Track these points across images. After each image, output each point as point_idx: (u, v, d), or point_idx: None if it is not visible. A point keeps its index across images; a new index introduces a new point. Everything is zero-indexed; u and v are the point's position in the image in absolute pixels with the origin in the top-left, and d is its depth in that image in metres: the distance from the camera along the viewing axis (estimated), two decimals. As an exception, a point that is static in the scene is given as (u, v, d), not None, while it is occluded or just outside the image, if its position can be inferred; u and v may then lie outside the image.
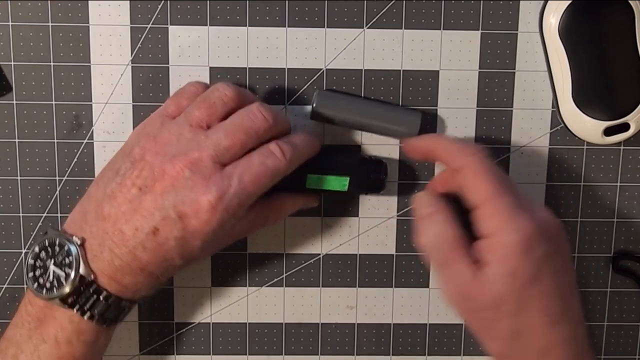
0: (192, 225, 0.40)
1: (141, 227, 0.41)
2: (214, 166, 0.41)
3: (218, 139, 0.41)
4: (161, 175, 0.41)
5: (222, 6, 0.48)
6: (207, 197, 0.40)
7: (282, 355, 0.52)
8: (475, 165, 0.42)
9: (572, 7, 0.46)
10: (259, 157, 0.42)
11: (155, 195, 0.41)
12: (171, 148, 0.41)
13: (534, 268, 0.40)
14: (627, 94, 0.47)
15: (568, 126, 0.48)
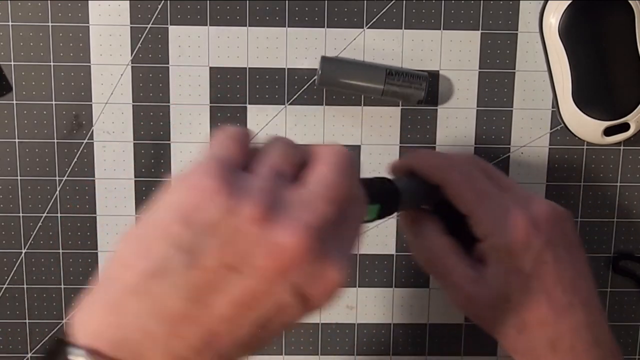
0: (311, 308, 0.30)
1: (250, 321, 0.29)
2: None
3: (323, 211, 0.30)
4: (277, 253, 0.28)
5: (222, 6, 0.48)
6: (332, 274, 0.31)
7: (282, 355, 0.52)
8: (456, 176, 0.41)
9: (572, 7, 0.46)
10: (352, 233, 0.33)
11: (267, 277, 0.28)
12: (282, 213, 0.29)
13: (531, 263, 0.40)
14: (627, 94, 0.47)
15: (568, 126, 0.48)
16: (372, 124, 0.50)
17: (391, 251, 0.51)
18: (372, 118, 0.49)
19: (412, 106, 0.49)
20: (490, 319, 0.42)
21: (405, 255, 0.51)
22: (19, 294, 0.50)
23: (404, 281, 0.52)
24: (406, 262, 0.51)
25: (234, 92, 0.49)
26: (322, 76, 0.47)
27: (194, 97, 0.49)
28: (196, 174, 0.29)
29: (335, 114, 0.49)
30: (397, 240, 0.51)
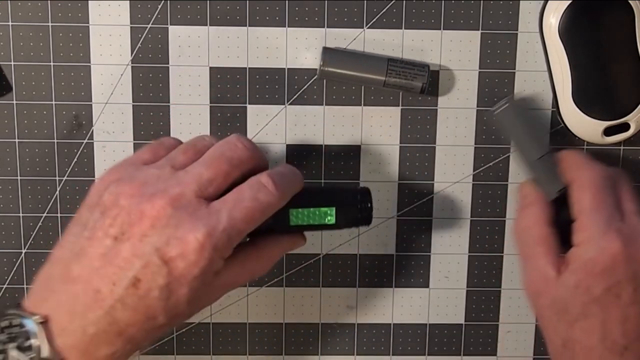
0: (178, 268, 0.36)
1: (119, 281, 0.36)
2: (199, 201, 0.37)
3: (199, 172, 0.38)
4: (139, 218, 0.36)
5: (222, 6, 0.48)
6: (195, 235, 0.36)
7: (282, 355, 0.52)
8: (582, 179, 0.43)
9: (572, 7, 0.46)
10: (250, 190, 0.38)
11: (133, 241, 0.36)
12: (149, 188, 0.37)
13: (603, 290, 0.40)
14: (627, 94, 0.47)
15: (568, 126, 0.48)
16: (372, 124, 0.50)
17: (391, 251, 0.51)
18: (372, 118, 0.49)
19: (413, 104, 0.49)
20: (545, 318, 0.43)
21: (405, 255, 0.51)
22: (19, 294, 0.50)
23: (404, 281, 0.52)
24: (406, 262, 0.51)
25: (234, 92, 0.49)
26: (324, 67, 0.47)
27: (194, 97, 0.49)
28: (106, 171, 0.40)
29: (335, 114, 0.49)
30: (397, 240, 0.51)
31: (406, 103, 0.49)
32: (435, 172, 0.50)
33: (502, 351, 0.53)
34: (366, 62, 0.47)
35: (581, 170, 0.43)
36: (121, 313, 0.36)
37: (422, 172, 0.50)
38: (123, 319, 0.36)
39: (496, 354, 0.53)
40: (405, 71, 0.47)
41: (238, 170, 0.39)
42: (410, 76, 0.47)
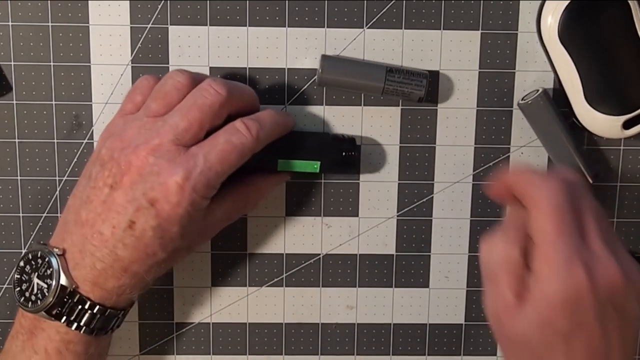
0: (165, 210, 0.40)
1: (118, 224, 0.41)
2: (177, 149, 0.41)
3: (175, 122, 0.41)
4: (128, 168, 0.41)
5: (222, 6, 0.48)
6: (174, 179, 0.40)
7: (282, 355, 0.52)
8: (541, 201, 0.39)
9: (569, 8, 0.46)
10: (224, 134, 0.42)
11: (125, 189, 0.41)
12: (134, 140, 0.41)
13: (568, 325, 0.37)
14: (638, 85, 0.47)
15: (586, 126, 0.48)
16: (372, 124, 0.50)
17: (391, 251, 0.51)
18: (372, 118, 0.49)
19: (413, 104, 0.49)
20: (507, 347, 0.41)
21: (405, 255, 0.51)
22: (19, 294, 0.50)
23: (404, 281, 0.52)
24: (406, 262, 0.51)
25: (234, 92, 0.49)
26: (323, 75, 0.47)
27: (194, 97, 0.49)
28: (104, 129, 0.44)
29: (335, 114, 0.49)
30: (397, 240, 0.51)
31: (406, 103, 0.49)
32: (435, 172, 0.50)
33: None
34: (365, 71, 0.47)
35: (538, 190, 0.39)
36: (123, 252, 0.41)
37: (422, 172, 0.50)
38: (126, 256, 0.41)
39: (496, 354, 0.53)
40: (404, 81, 0.47)
41: (211, 116, 0.42)
42: (409, 87, 0.47)
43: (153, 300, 0.51)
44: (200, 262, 0.51)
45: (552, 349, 0.38)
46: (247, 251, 0.51)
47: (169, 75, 0.43)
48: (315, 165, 0.46)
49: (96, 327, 0.43)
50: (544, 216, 0.39)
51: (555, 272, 0.37)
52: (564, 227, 0.38)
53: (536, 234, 0.39)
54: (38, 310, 0.42)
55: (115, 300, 0.43)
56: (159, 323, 0.52)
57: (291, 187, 0.50)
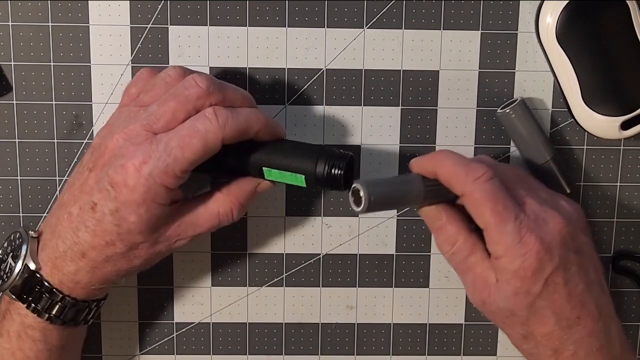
0: (123, 194, 0.40)
1: (84, 205, 0.41)
2: (146, 134, 0.40)
3: (152, 109, 0.41)
4: (104, 152, 0.41)
5: (222, 6, 0.48)
6: (132, 162, 0.40)
7: (282, 355, 0.52)
8: (472, 193, 0.41)
9: (567, 8, 0.46)
10: (190, 121, 0.41)
11: (97, 171, 0.41)
12: (116, 127, 0.42)
13: (541, 287, 0.41)
14: (636, 86, 0.47)
15: (584, 127, 0.48)
16: (372, 124, 0.50)
17: (391, 251, 0.51)
18: (372, 118, 0.49)
19: (413, 104, 0.49)
20: (499, 321, 0.44)
21: (405, 255, 0.51)
22: (19, 294, 0.50)
23: (404, 281, 0.52)
24: (406, 262, 0.51)
25: (234, 92, 0.49)
26: (371, 204, 0.41)
27: (194, 97, 0.49)
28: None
29: (335, 114, 0.49)
30: (397, 240, 0.51)
31: (406, 103, 0.49)
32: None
33: (502, 351, 0.53)
34: (404, 184, 0.43)
35: (466, 185, 0.41)
36: (84, 234, 0.41)
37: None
38: (86, 240, 0.41)
39: (496, 354, 0.53)
40: (440, 189, 0.43)
41: (186, 106, 0.41)
42: (445, 193, 0.43)
43: (153, 300, 0.51)
44: (200, 262, 0.51)
45: (535, 310, 0.41)
46: (247, 251, 0.51)
47: (165, 70, 0.44)
48: (300, 178, 0.43)
49: (55, 315, 0.43)
50: (481, 207, 0.41)
51: (511, 251, 0.41)
52: (503, 210, 0.41)
53: (480, 223, 0.42)
54: (5, 289, 0.43)
55: (72, 287, 0.43)
56: (159, 323, 0.52)
57: (291, 187, 0.50)
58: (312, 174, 0.42)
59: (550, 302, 0.41)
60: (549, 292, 0.41)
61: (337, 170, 0.42)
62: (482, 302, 0.43)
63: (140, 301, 0.51)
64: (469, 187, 0.41)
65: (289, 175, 0.43)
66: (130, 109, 0.43)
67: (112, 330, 0.51)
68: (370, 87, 0.49)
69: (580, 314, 0.42)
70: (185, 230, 0.43)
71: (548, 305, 0.41)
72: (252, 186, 0.45)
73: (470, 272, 0.43)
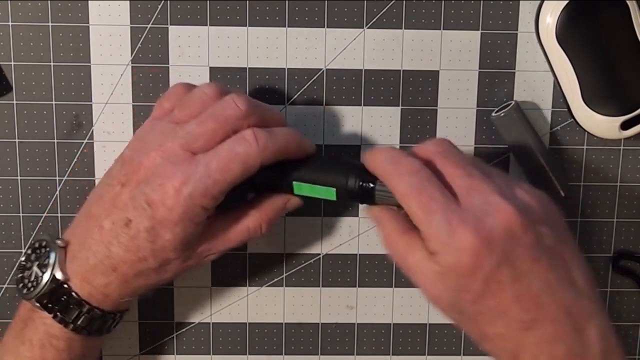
0: (160, 212, 0.40)
1: (117, 220, 0.41)
2: (184, 154, 0.40)
3: (190, 129, 0.41)
4: (138, 168, 0.41)
5: (222, 6, 0.48)
6: (172, 182, 0.40)
7: (282, 355, 0.52)
8: (400, 187, 0.39)
9: (567, 8, 0.46)
10: (230, 143, 0.41)
11: (131, 187, 0.41)
12: (151, 143, 0.42)
13: (481, 284, 0.37)
14: (637, 86, 0.47)
15: (584, 127, 0.48)
16: (372, 124, 0.50)
17: (391, 251, 0.51)
18: (372, 118, 0.49)
19: (413, 104, 0.49)
20: (454, 319, 0.41)
21: (405, 255, 0.51)
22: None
23: (404, 281, 0.52)
24: (406, 262, 0.51)
25: (234, 92, 0.49)
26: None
27: (194, 97, 0.49)
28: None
29: (335, 114, 0.49)
30: (397, 240, 0.51)
31: (406, 103, 0.49)
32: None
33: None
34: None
35: (392, 178, 0.40)
36: (116, 249, 0.41)
37: (422, 172, 0.50)
38: (118, 254, 0.41)
39: (496, 354, 0.53)
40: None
41: (225, 127, 0.41)
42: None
43: (153, 301, 0.51)
44: (200, 262, 0.51)
45: (481, 309, 0.38)
46: (247, 251, 0.51)
47: (200, 87, 0.43)
48: (331, 192, 0.43)
49: (81, 325, 0.43)
50: (408, 201, 0.39)
51: (445, 246, 0.37)
52: (428, 201, 0.38)
53: (411, 217, 0.39)
54: (30, 298, 0.42)
55: (101, 300, 0.43)
56: (159, 323, 0.52)
57: (291, 187, 0.50)
58: (344, 188, 0.43)
59: (497, 302, 0.37)
60: (492, 291, 0.37)
61: (368, 183, 0.42)
62: (433, 298, 0.40)
63: (140, 301, 0.51)
64: (395, 181, 0.40)
65: (320, 189, 0.43)
66: (164, 125, 0.42)
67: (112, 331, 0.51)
68: (370, 87, 0.49)
69: (537, 316, 0.37)
70: (216, 246, 0.44)
71: (495, 305, 0.38)
72: (282, 202, 0.45)
73: (415, 273, 0.40)
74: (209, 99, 0.42)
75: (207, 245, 0.44)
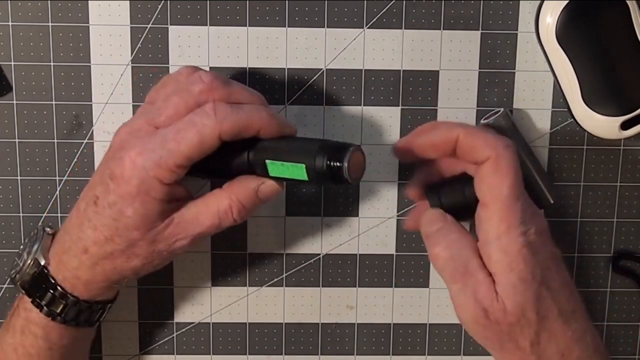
0: (120, 186, 0.40)
1: (88, 199, 0.42)
2: (148, 128, 0.41)
3: (157, 105, 0.42)
4: (111, 146, 0.42)
5: (222, 6, 0.48)
6: (129, 154, 0.40)
7: (282, 355, 0.52)
8: (503, 160, 0.39)
9: (567, 8, 0.46)
10: (189, 116, 0.40)
11: (102, 166, 0.42)
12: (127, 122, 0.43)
13: (541, 269, 0.39)
14: (637, 86, 0.47)
15: (584, 127, 0.48)
16: (372, 124, 0.50)
17: (391, 251, 0.51)
18: (372, 118, 0.49)
19: (413, 104, 0.49)
20: (504, 334, 0.40)
21: (405, 255, 0.51)
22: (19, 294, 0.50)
23: (404, 281, 0.52)
24: (406, 262, 0.51)
25: (234, 92, 0.49)
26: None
27: (194, 97, 0.49)
28: None
29: (335, 114, 0.49)
30: (397, 240, 0.51)
31: (406, 103, 0.49)
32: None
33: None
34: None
35: (497, 148, 0.40)
36: (87, 230, 0.42)
37: (422, 172, 0.50)
38: (88, 236, 0.42)
39: (496, 354, 0.53)
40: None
41: (190, 101, 0.40)
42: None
43: (153, 300, 0.51)
44: (200, 262, 0.51)
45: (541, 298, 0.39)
46: (247, 251, 0.51)
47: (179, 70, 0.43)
48: (301, 169, 0.40)
49: (54, 311, 0.43)
50: (504, 178, 0.39)
51: (514, 230, 0.39)
52: (519, 186, 0.39)
53: (493, 194, 0.39)
54: (16, 282, 0.44)
55: (74, 284, 0.43)
56: (159, 323, 0.52)
57: (291, 187, 0.50)
58: (312, 166, 0.39)
59: (550, 290, 0.39)
60: (548, 279, 0.39)
61: (337, 162, 0.39)
62: (484, 311, 0.39)
63: (140, 301, 0.51)
64: (500, 150, 0.39)
65: (290, 167, 0.40)
66: (142, 106, 0.44)
67: (112, 330, 0.51)
68: (370, 87, 0.49)
69: (575, 307, 0.40)
70: (184, 229, 0.42)
71: (549, 294, 0.39)
72: (255, 184, 0.42)
73: (472, 279, 0.39)
74: (182, 78, 0.42)
75: (175, 229, 0.42)
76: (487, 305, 0.39)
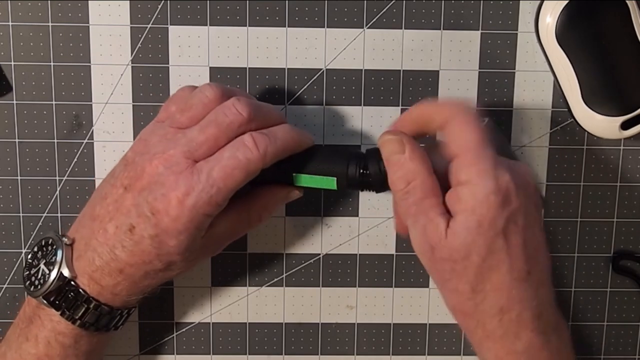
0: (164, 222, 0.40)
1: (120, 225, 0.41)
2: (186, 162, 0.40)
3: (192, 136, 0.41)
4: (141, 174, 0.41)
5: (222, 6, 0.48)
6: (175, 193, 0.40)
7: (282, 355, 0.52)
8: (462, 115, 0.41)
9: (567, 8, 0.46)
10: (230, 150, 0.41)
11: (134, 193, 0.41)
12: (153, 148, 0.42)
13: (504, 221, 0.39)
14: (637, 86, 0.47)
15: (584, 127, 0.48)
16: (372, 124, 0.50)
17: (391, 251, 0.51)
18: (372, 118, 0.49)
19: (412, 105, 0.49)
20: (446, 271, 0.41)
21: (405, 255, 0.51)
22: (19, 294, 0.50)
23: (404, 281, 0.52)
24: (406, 262, 0.51)
25: (234, 92, 0.49)
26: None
27: (194, 97, 0.49)
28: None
29: (335, 114, 0.49)
30: (397, 240, 0.51)
31: (406, 103, 0.49)
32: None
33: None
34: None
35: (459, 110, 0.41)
36: (121, 253, 0.41)
37: (422, 172, 0.50)
38: (123, 258, 0.42)
39: (496, 354, 0.53)
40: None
41: (228, 134, 0.41)
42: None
43: (153, 300, 0.51)
44: (200, 262, 0.51)
45: (493, 249, 0.39)
46: (247, 251, 0.51)
47: (200, 88, 0.43)
48: (332, 181, 0.44)
49: (88, 321, 0.43)
50: (467, 128, 0.40)
51: (485, 173, 0.39)
52: (484, 138, 0.40)
53: (459, 145, 0.40)
54: (37, 295, 0.43)
55: (110, 298, 0.43)
56: (159, 323, 0.52)
57: (291, 187, 0.50)
58: (344, 176, 0.43)
59: (508, 244, 0.39)
60: (509, 231, 0.39)
61: (366, 170, 0.43)
62: (430, 247, 0.40)
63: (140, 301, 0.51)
64: (460, 109, 0.41)
65: (320, 179, 0.44)
66: (167, 130, 0.42)
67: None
68: (370, 87, 0.49)
69: (531, 270, 0.40)
70: (220, 242, 0.45)
71: (506, 246, 0.39)
72: (284, 194, 0.46)
73: (422, 216, 0.40)
74: (210, 102, 0.42)
75: (212, 243, 0.44)
76: (434, 242, 0.40)
